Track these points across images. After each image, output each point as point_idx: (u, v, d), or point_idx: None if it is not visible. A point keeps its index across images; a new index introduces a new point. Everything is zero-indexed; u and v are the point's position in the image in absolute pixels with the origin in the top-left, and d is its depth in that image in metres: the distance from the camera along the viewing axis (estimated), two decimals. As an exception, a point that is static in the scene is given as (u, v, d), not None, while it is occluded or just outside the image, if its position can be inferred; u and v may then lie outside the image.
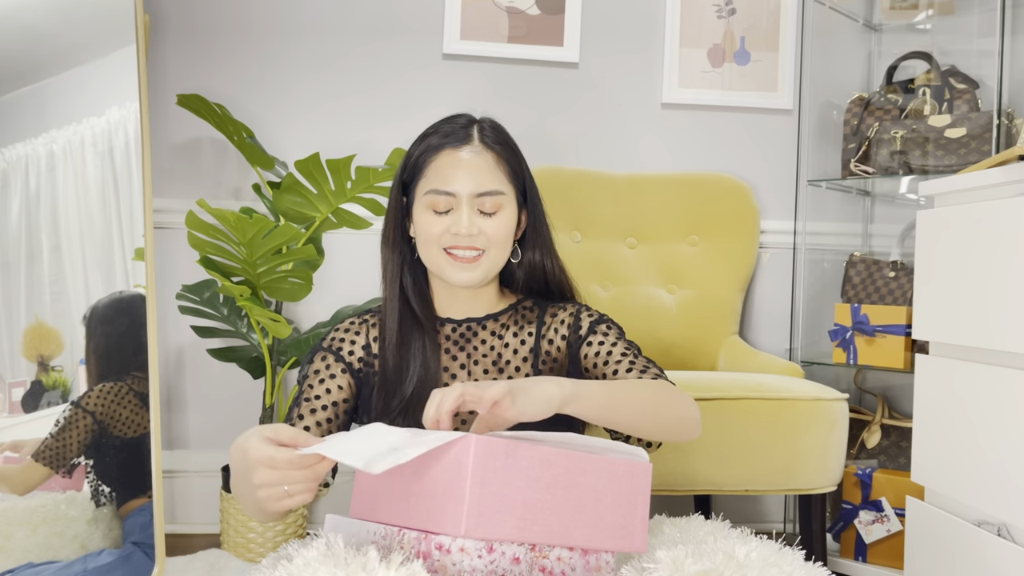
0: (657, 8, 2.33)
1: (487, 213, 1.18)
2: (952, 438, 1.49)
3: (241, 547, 1.93)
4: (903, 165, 2.04)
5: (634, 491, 0.90)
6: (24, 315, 1.68)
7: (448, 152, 1.19)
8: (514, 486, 0.83)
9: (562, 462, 0.86)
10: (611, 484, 0.88)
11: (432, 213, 1.18)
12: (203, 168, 2.20)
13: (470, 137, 1.20)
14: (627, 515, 0.90)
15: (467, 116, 1.24)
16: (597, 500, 0.88)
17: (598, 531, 0.89)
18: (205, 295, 2.00)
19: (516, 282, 1.29)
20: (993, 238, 1.38)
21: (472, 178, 1.17)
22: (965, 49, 2.18)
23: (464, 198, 1.17)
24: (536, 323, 1.25)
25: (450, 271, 1.19)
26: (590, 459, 0.87)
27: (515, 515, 0.83)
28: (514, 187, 1.22)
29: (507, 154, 1.21)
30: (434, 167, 1.19)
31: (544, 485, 0.85)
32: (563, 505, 0.86)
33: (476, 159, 1.18)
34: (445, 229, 1.17)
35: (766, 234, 2.32)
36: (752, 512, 2.34)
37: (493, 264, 1.20)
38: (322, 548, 0.85)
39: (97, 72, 1.80)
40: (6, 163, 1.68)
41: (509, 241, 1.21)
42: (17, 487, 1.63)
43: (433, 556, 0.84)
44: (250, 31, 2.21)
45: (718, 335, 2.18)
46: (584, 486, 0.87)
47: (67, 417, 1.67)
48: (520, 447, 0.84)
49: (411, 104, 2.26)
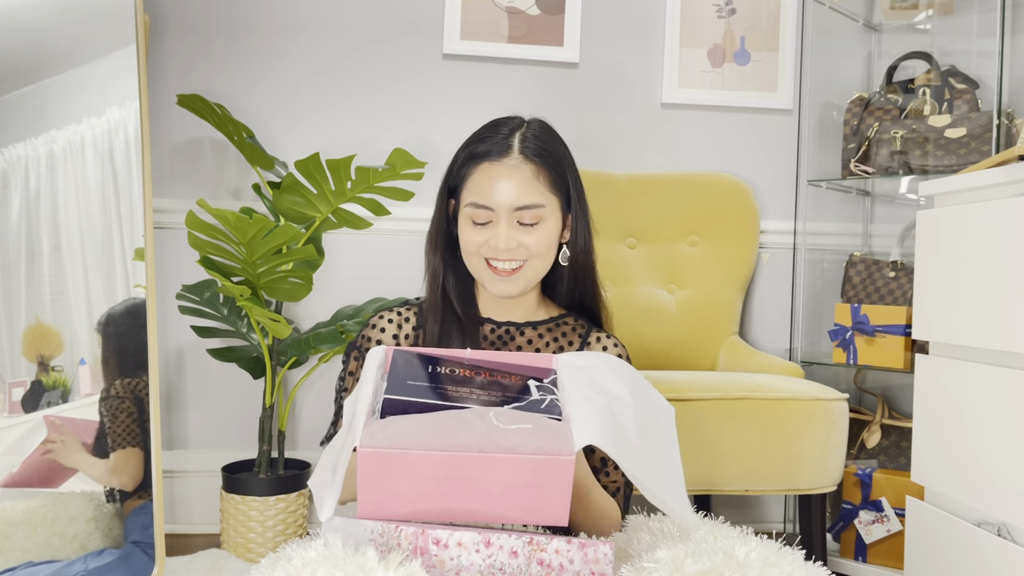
0: (657, 8, 2.33)
1: (527, 224, 1.18)
2: (952, 438, 1.49)
3: (241, 547, 1.93)
4: (903, 165, 2.04)
5: (549, 481, 0.89)
6: (24, 315, 1.68)
7: (487, 166, 1.19)
8: (404, 484, 0.88)
9: (458, 463, 0.88)
10: (520, 477, 0.89)
11: (472, 224, 1.20)
12: (203, 168, 2.20)
13: (510, 149, 1.19)
14: (542, 499, 0.90)
15: (513, 122, 1.23)
16: (504, 488, 0.89)
17: (510, 512, 0.90)
18: (205, 295, 2.00)
19: (558, 291, 1.30)
20: (993, 238, 1.38)
21: (510, 192, 1.17)
22: (965, 49, 2.18)
23: (503, 212, 1.18)
24: (578, 348, 1.26)
25: (490, 282, 1.21)
26: (491, 459, 0.88)
27: (409, 504, 0.89)
28: (557, 196, 1.21)
29: (549, 164, 1.20)
30: (474, 180, 1.20)
31: (440, 481, 0.88)
32: (464, 494, 0.89)
33: (514, 172, 1.18)
34: (484, 241, 1.19)
35: (766, 234, 2.32)
36: (752, 512, 2.34)
37: (534, 274, 1.22)
38: (320, 549, 0.85)
39: (97, 72, 1.80)
40: (6, 163, 1.68)
41: (551, 251, 1.22)
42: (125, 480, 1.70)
43: (431, 551, 0.86)
44: (250, 31, 2.21)
45: (718, 335, 2.18)
46: (488, 480, 0.89)
47: (111, 407, 1.71)
48: (409, 456, 0.87)
49: (411, 104, 2.26)
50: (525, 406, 0.97)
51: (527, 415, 0.94)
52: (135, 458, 1.71)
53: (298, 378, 2.17)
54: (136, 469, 1.72)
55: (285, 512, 1.95)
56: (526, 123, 1.24)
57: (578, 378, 1.00)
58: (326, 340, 1.93)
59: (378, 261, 2.24)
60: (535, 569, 0.89)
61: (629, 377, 1.04)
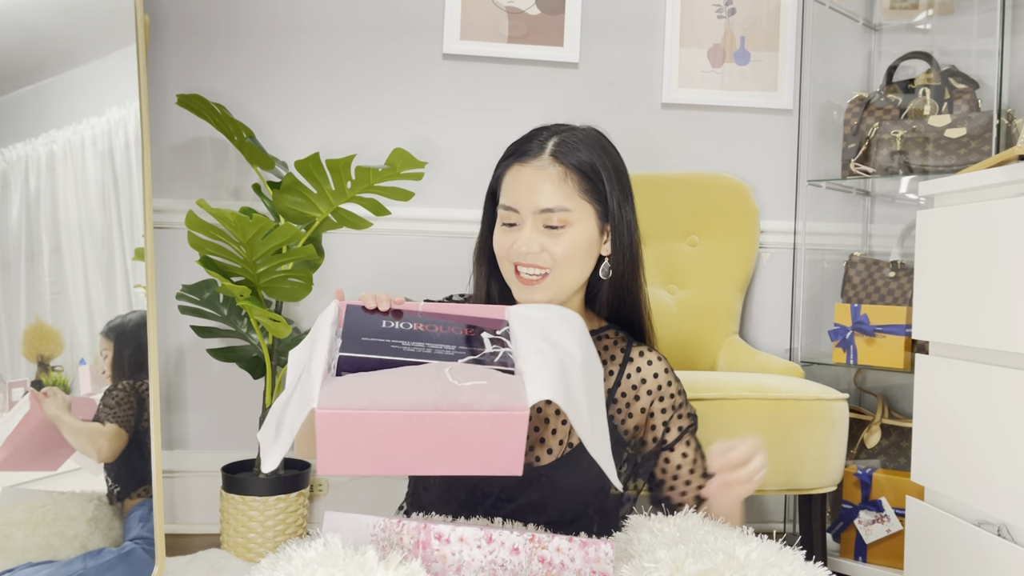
0: (657, 8, 2.33)
1: (554, 227, 1.16)
2: (952, 438, 1.49)
3: (241, 547, 1.93)
4: (903, 165, 2.04)
5: (504, 435, 0.91)
6: (24, 315, 1.68)
7: (516, 167, 1.18)
8: (362, 442, 0.88)
9: (416, 422, 0.89)
10: (476, 433, 0.90)
11: (503, 227, 1.19)
12: (203, 168, 2.21)
13: (542, 150, 1.17)
14: (497, 450, 0.92)
15: (558, 127, 1.21)
16: (461, 444, 0.90)
17: (465, 465, 0.91)
18: (205, 295, 2.00)
19: (599, 303, 1.27)
20: (993, 238, 1.38)
21: (533, 194, 1.15)
22: (965, 49, 2.18)
23: (528, 214, 1.16)
24: (623, 359, 1.25)
25: (516, 289, 1.19)
26: (450, 417, 0.89)
27: (367, 460, 0.89)
28: (590, 204, 1.17)
29: (581, 168, 1.17)
30: (505, 181, 1.19)
31: (397, 438, 0.89)
32: (420, 450, 0.90)
33: (539, 174, 1.16)
34: (511, 244, 1.17)
35: (766, 234, 2.32)
36: (752, 512, 2.33)
37: (561, 285, 1.18)
38: (320, 548, 0.85)
39: (97, 72, 1.80)
40: (6, 163, 1.68)
41: (578, 259, 1.18)
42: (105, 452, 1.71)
43: (432, 546, 0.86)
44: (250, 31, 2.21)
45: (718, 335, 2.18)
46: (444, 436, 0.90)
47: (114, 396, 1.73)
48: (367, 416, 0.88)
49: (411, 104, 2.26)
50: (479, 359, 0.99)
51: (482, 370, 0.95)
52: (118, 437, 1.72)
53: (298, 378, 2.17)
54: (115, 446, 1.72)
55: (285, 512, 1.95)
56: (571, 129, 1.21)
57: (532, 330, 1.02)
58: (326, 340, 1.92)
59: (378, 261, 2.24)
60: (536, 566, 0.90)
61: (580, 332, 1.05)
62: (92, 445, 1.70)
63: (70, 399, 1.69)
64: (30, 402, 1.65)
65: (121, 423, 1.73)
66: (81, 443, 1.69)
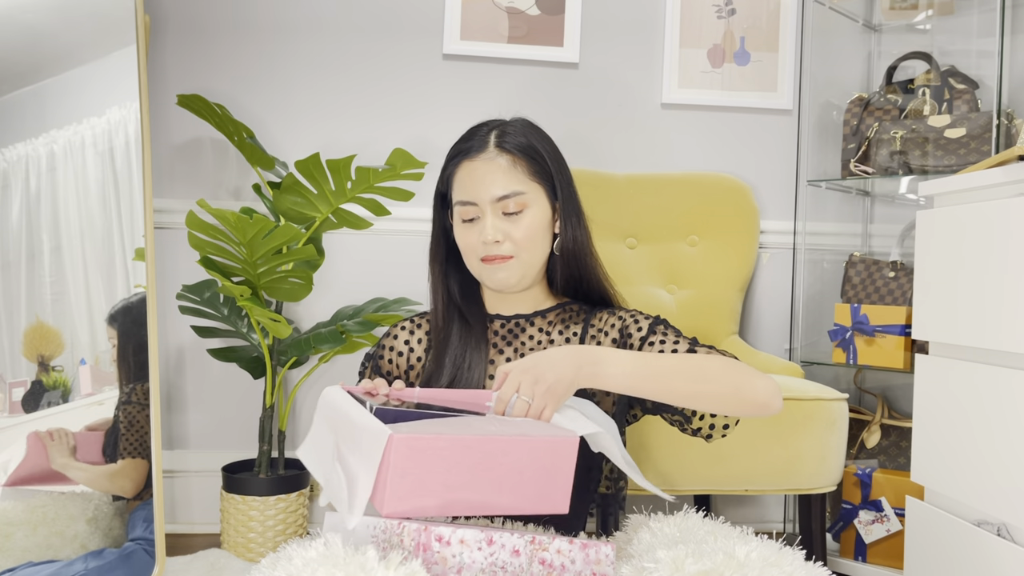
0: (657, 8, 2.33)
1: (512, 213, 1.22)
2: (952, 438, 1.49)
3: (241, 547, 1.93)
4: (903, 165, 2.04)
5: (556, 465, 0.94)
6: (24, 315, 1.69)
7: (465, 164, 1.24)
8: (433, 472, 0.88)
9: (481, 447, 0.90)
10: (532, 461, 0.93)
11: (463, 223, 1.24)
12: (203, 168, 2.21)
13: (486, 144, 1.24)
14: (549, 484, 0.94)
15: (493, 123, 1.27)
16: (519, 474, 0.92)
17: (520, 501, 0.93)
18: (205, 295, 2.00)
19: (555, 280, 1.32)
20: (992, 238, 1.38)
21: (488, 184, 1.22)
22: (965, 49, 2.19)
23: (486, 204, 1.22)
24: (583, 324, 1.29)
25: (487, 276, 1.24)
26: (511, 441, 0.91)
27: (435, 496, 0.89)
28: (540, 184, 1.24)
29: (527, 153, 1.24)
30: (457, 179, 1.25)
31: (464, 468, 0.90)
32: (483, 483, 0.91)
33: (489, 165, 1.22)
34: (477, 237, 1.22)
35: (766, 234, 2.33)
36: (752, 512, 2.34)
37: (526, 268, 1.24)
38: (320, 548, 0.85)
39: (97, 72, 1.80)
40: (6, 163, 1.68)
41: (538, 240, 1.24)
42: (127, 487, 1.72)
43: (433, 548, 0.86)
44: (250, 31, 2.21)
45: (718, 335, 2.18)
46: (505, 465, 0.91)
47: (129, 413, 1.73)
48: (439, 440, 0.88)
49: (411, 104, 2.26)
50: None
51: (517, 419, 1.00)
52: (141, 468, 1.72)
53: (298, 378, 2.17)
54: (140, 478, 1.72)
55: (285, 512, 1.95)
56: (505, 122, 1.28)
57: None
58: (326, 340, 1.93)
59: (378, 261, 2.24)
60: (536, 568, 0.90)
61: (586, 402, 1.13)
62: (114, 485, 1.71)
63: (75, 439, 1.68)
64: (28, 445, 1.65)
65: (135, 453, 1.72)
66: (101, 485, 1.70)
